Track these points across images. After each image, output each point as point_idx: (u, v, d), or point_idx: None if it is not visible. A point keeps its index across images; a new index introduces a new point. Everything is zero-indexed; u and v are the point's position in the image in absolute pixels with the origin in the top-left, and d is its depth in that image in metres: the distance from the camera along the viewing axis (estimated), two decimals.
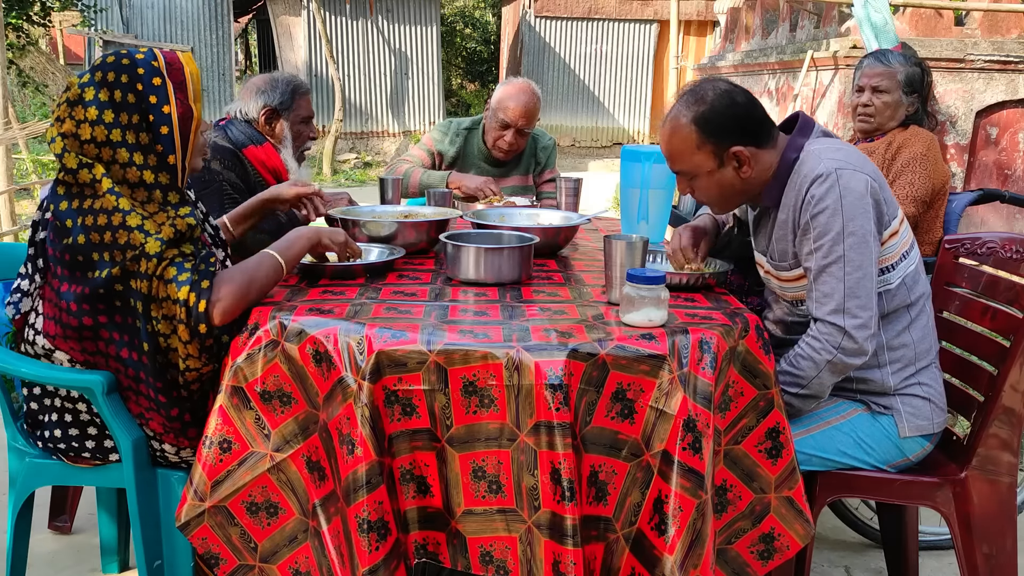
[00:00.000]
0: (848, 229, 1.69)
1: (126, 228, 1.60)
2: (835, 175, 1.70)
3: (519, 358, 1.45)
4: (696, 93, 1.78)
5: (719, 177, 1.79)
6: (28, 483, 1.86)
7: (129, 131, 1.64)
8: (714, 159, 1.77)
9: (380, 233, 2.14)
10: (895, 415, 1.84)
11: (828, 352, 1.73)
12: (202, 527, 1.61)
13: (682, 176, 1.85)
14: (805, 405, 1.82)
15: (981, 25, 6.28)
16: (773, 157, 1.80)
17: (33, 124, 6.36)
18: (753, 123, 1.78)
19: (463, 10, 20.30)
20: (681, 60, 11.67)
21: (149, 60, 1.68)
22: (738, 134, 1.76)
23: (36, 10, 10.64)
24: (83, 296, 1.65)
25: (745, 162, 1.77)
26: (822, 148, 1.78)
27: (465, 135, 3.15)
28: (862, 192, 1.70)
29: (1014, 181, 6.15)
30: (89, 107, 1.63)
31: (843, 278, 1.70)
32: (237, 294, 1.61)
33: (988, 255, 2.03)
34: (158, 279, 1.59)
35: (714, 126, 1.74)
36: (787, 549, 1.67)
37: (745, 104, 1.77)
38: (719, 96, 1.75)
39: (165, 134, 1.67)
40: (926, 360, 1.86)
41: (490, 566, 1.52)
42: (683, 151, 1.79)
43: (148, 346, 1.64)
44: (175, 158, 1.69)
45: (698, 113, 1.75)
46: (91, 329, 1.69)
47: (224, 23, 12.94)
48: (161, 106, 1.67)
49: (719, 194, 1.83)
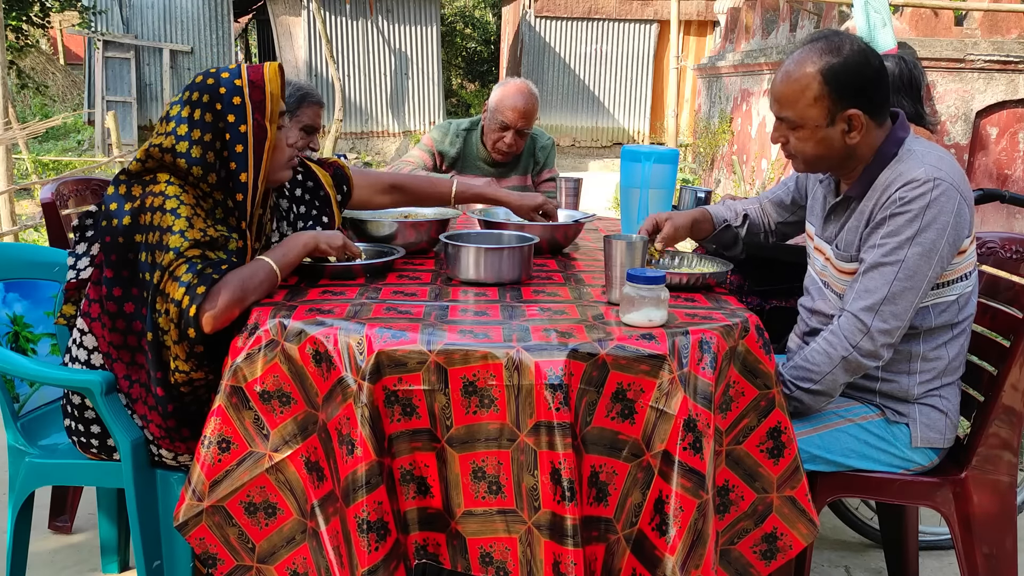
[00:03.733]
0: (919, 239, 1.66)
1: (163, 210, 1.63)
2: (932, 184, 1.65)
3: (519, 358, 1.45)
4: (832, 42, 1.68)
5: (824, 134, 1.71)
6: (28, 483, 1.86)
7: (196, 146, 1.70)
8: (827, 115, 1.69)
9: (380, 233, 2.14)
10: (910, 424, 1.82)
11: (845, 349, 1.71)
12: (200, 527, 1.61)
13: (783, 123, 1.76)
14: (816, 402, 1.80)
15: (981, 25, 6.28)
16: (878, 138, 1.74)
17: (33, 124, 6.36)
18: (879, 92, 1.71)
19: (463, 10, 20.29)
20: (681, 60, 11.67)
21: (233, 79, 1.74)
22: (861, 98, 1.68)
23: (36, 10, 10.64)
24: (128, 280, 1.68)
25: (857, 128, 1.70)
26: (925, 151, 1.72)
27: (464, 136, 3.15)
28: (950, 209, 1.65)
29: (1014, 181, 6.15)
30: (170, 122, 1.71)
31: (891, 281, 1.68)
32: (230, 302, 1.61)
33: (988, 255, 2.02)
34: (169, 274, 1.60)
35: (841, 82, 1.66)
36: (790, 549, 1.67)
37: (877, 69, 1.69)
38: (855, 52, 1.67)
39: (239, 152, 1.73)
40: (952, 376, 1.84)
41: (490, 567, 1.52)
42: (798, 98, 1.70)
43: (151, 336, 1.64)
44: (247, 176, 1.73)
45: (828, 65, 1.66)
46: (126, 319, 1.70)
47: (224, 23, 12.94)
48: (238, 125, 1.73)
49: (814, 152, 1.74)
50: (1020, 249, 1.99)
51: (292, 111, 2.66)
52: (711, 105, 9.97)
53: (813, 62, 1.68)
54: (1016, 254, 1.99)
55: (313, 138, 2.76)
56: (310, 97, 2.70)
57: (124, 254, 1.67)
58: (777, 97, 1.75)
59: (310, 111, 2.71)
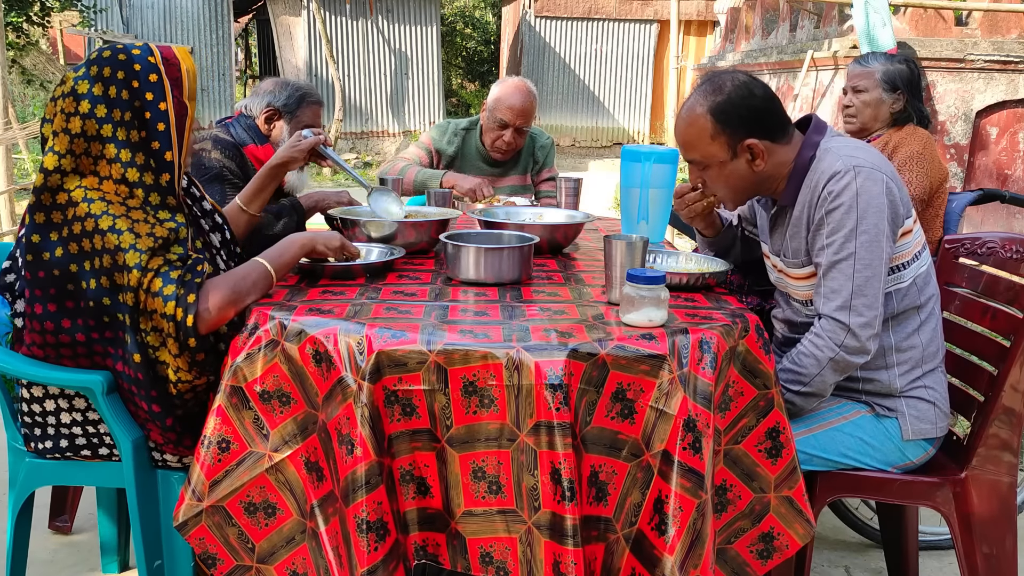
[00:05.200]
0: (861, 227, 1.69)
1: (100, 232, 1.58)
2: (853, 172, 1.70)
3: (519, 358, 1.45)
4: (714, 83, 1.78)
5: (731, 168, 1.79)
6: (28, 483, 1.86)
7: (121, 127, 1.63)
8: (727, 150, 1.77)
9: (380, 233, 2.14)
10: (899, 417, 1.83)
11: (831, 349, 1.73)
12: (200, 527, 1.61)
13: (694, 166, 1.84)
14: (807, 404, 1.82)
15: (981, 25, 6.28)
16: (788, 154, 1.80)
17: (33, 124, 6.36)
18: (770, 117, 1.78)
19: (463, 10, 20.30)
20: (681, 60, 11.67)
21: (145, 56, 1.67)
22: (753, 127, 1.76)
23: (36, 10, 10.64)
24: (74, 311, 1.64)
25: (759, 155, 1.77)
26: (840, 146, 1.77)
27: (463, 135, 3.15)
28: (878, 191, 1.70)
29: (1014, 181, 6.15)
30: (82, 100, 1.62)
31: (852, 275, 1.71)
32: (224, 304, 1.60)
33: (988, 255, 2.03)
34: (145, 292, 1.57)
35: (730, 117, 1.74)
36: (786, 548, 1.67)
37: (763, 97, 1.77)
38: (737, 87, 1.75)
39: (162, 131, 1.66)
40: (932, 363, 1.85)
41: (490, 567, 1.52)
42: (697, 140, 1.79)
43: (139, 357, 1.62)
44: (172, 154, 1.68)
45: (715, 103, 1.75)
46: (84, 345, 1.68)
47: (224, 23, 12.94)
48: (158, 103, 1.66)
49: (729, 186, 1.83)
50: (1020, 249, 1.99)
51: (292, 111, 2.65)
52: None
53: (701, 104, 1.77)
54: (1016, 254, 1.99)
55: None
56: (309, 97, 2.69)
57: (63, 286, 1.63)
58: (681, 142, 1.85)
59: (310, 111, 2.69)
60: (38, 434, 1.80)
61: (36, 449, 1.81)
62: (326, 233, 1.88)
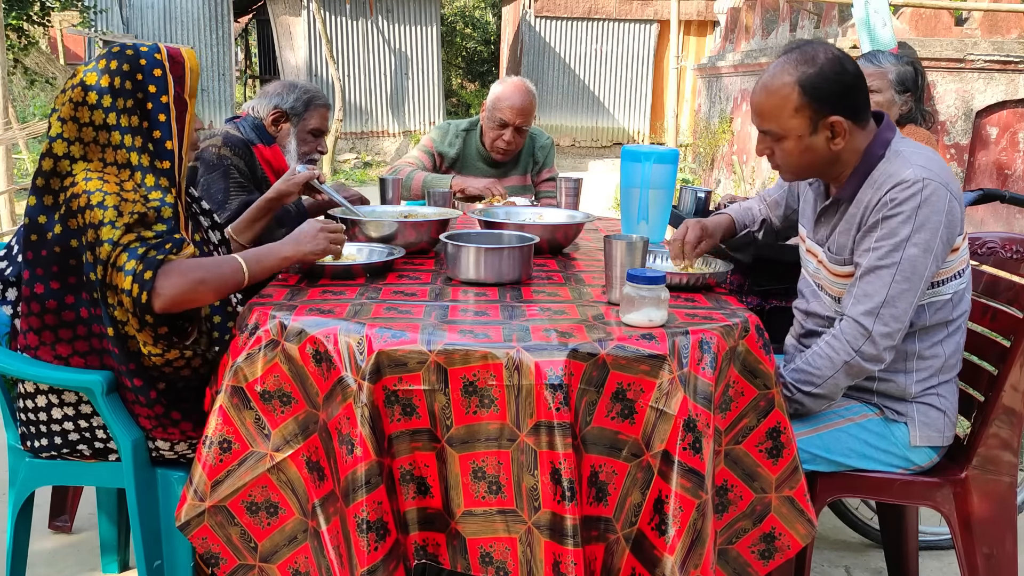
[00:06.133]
0: (913, 240, 1.66)
1: (90, 207, 1.62)
2: (921, 184, 1.65)
3: (519, 358, 1.45)
4: (806, 53, 1.70)
5: (808, 143, 1.72)
6: (28, 483, 1.86)
7: (124, 115, 1.70)
8: (809, 124, 1.70)
9: (380, 233, 2.14)
10: (909, 423, 1.82)
11: (847, 353, 1.71)
12: (202, 527, 1.61)
13: (767, 136, 1.77)
14: (816, 405, 1.81)
15: (981, 25, 6.28)
16: (863, 141, 1.74)
17: (33, 124, 6.37)
18: (859, 96, 1.72)
19: (463, 10, 20.30)
20: (681, 60, 11.67)
21: (152, 53, 1.75)
22: (841, 105, 1.69)
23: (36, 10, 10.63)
24: (77, 286, 1.68)
25: (840, 134, 1.71)
26: (912, 152, 1.72)
27: (463, 136, 3.16)
28: (940, 208, 1.66)
29: (1014, 181, 6.15)
30: (90, 91, 1.69)
31: (889, 284, 1.68)
32: (181, 289, 1.59)
33: (988, 255, 2.03)
34: (111, 266, 1.60)
35: (820, 91, 1.67)
36: (788, 549, 1.67)
37: (854, 75, 1.70)
38: (830, 61, 1.68)
39: (163, 121, 1.73)
40: (950, 374, 1.84)
41: (490, 567, 1.52)
42: (779, 110, 1.71)
43: (112, 331, 1.65)
44: (172, 144, 1.74)
45: (805, 75, 1.67)
46: (85, 324, 1.70)
47: (224, 23, 12.94)
48: (159, 95, 1.73)
49: (800, 162, 1.76)
50: (1020, 249, 1.99)
51: (299, 115, 2.64)
52: (711, 105, 9.97)
53: (789, 74, 1.69)
54: (1016, 254, 1.99)
55: (320, 141, 2.72)
56: (317, 100, 2.67)
57: (65, 262, 1.68)
58: (758, 111, 1.76)
59: (317, 115, 2.67)
60: (33, 432, 1.80)
61: (32, 448, 1.82)
62: (310, 240, 1.82)
